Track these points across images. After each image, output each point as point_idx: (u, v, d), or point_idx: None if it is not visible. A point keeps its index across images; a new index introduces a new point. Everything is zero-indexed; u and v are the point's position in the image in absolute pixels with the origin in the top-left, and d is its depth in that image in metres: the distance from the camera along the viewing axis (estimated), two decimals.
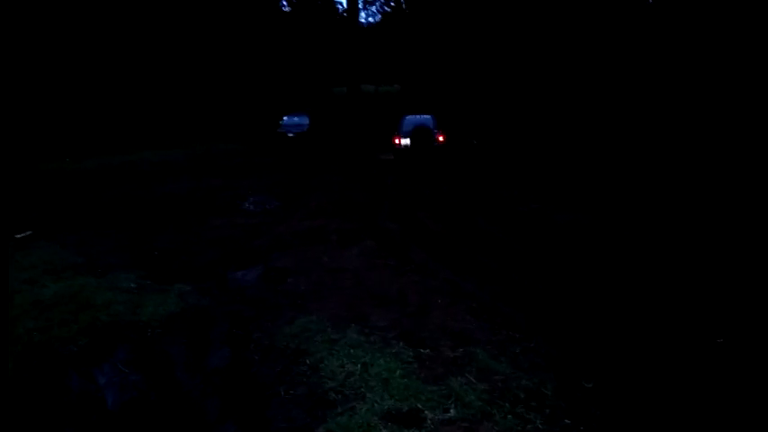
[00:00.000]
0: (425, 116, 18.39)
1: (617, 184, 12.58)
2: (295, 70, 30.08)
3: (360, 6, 33.21)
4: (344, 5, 31.00)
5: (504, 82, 23.49)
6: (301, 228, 9.32)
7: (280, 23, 29.58)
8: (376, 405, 3.55)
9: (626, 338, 4.69)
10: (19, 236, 8.78)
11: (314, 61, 30.81)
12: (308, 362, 4.21)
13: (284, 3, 31.13)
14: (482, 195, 12.11)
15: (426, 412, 3.48)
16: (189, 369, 4.44)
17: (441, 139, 17.43)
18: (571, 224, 8.88)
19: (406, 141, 17.54)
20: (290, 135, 22.75)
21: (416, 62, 28.67)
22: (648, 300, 5.58)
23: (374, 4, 33.93)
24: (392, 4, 33.02)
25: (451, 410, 3.51)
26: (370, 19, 34.57)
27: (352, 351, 4.31)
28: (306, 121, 23.51)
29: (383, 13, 35.06)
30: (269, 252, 7.78)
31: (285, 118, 23.84)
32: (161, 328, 5.17)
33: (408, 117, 18.38)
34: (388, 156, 18.91)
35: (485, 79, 24.60)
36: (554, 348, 4.47)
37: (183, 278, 6.58)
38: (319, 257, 7.46)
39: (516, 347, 4.47)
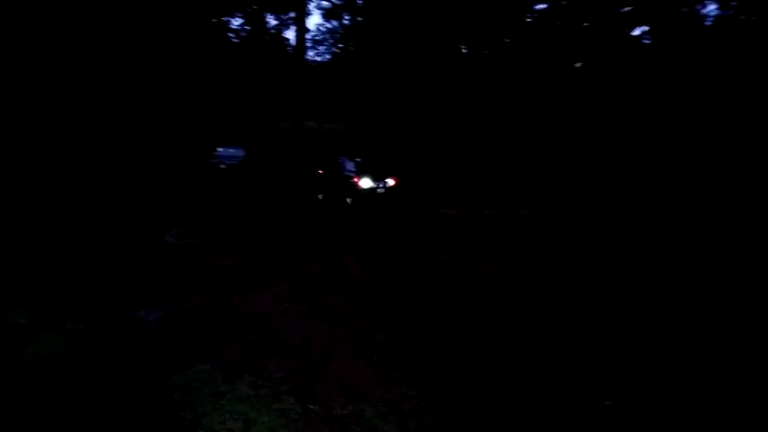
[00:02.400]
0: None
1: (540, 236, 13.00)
2: (237, 102, 29.88)
3: (308, 45, 33.57)
4: (293, 42, 31.21)
5: (441, 132, 24.20)
6: (219, 266, 9.09)
7: (226, 55, 29.49)
8: None
9: (519, 405, 4.75)
10: None
11: (258, 94, 30.74)
12: (188, 417, 4.04)
13: (231, 34, 31.12)
14: (409, 241, 12.21)
15: None
16: (63, 416, 4.18)
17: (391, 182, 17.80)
18: (486, 276, 9.05)
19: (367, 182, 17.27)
20: (222, 166, 22.42)
21: (360, 103, 29.14)
22: (548, 360, 5.71)
23: (323, 44, 34.37)
24: (340, 45, 33.59)
25: None
26: (318, 58, 34.83)
27: (237, 406, 4.18)
28: (241, 153, 23.33)
29: (332, 54, 35.55)
30: (179, 291, 7.53)
31: (220, 149, 23.54)
32: (43, 370, 4.87)
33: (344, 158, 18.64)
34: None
35: (424, 127, 25.23)
36: (443, 408, 4.47)
37: (80, 315, 6.26)
38: (230, 300, 7.28)
39: (407, 405, 4.45)
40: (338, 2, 30.19)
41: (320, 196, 18.62)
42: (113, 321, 6.27)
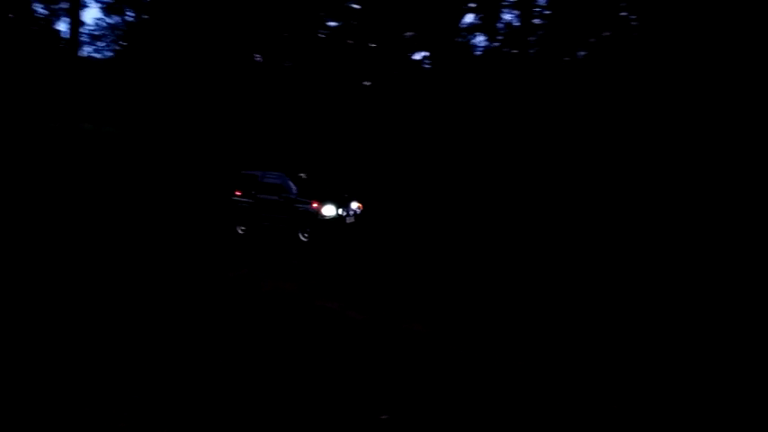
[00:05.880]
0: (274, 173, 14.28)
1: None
2: None
3: (85, 40, 30.18)
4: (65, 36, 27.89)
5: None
6: None
7: None
8: None
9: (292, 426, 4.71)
10: None
11: (18, 90, 26.59)
12: None
13: None
14: (203, 258, 11.62)
15: None
16: None
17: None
18: (274, 292, 8.97)
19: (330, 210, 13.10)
20: None
21: (147, 105, 27.08)
22: (328, 375, 5.77)
23: (102, 40, 31.10)
24: (122, 43, 30.84)
25: None
26: (97, 55, 31.35)
27: None
28: None
29: (115, 51, 32.36)
30: None
31: None
32: None
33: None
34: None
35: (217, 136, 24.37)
36: None
37: None
38: None
39: None
40: None
41: (241, 230, 14.31)
42: None
